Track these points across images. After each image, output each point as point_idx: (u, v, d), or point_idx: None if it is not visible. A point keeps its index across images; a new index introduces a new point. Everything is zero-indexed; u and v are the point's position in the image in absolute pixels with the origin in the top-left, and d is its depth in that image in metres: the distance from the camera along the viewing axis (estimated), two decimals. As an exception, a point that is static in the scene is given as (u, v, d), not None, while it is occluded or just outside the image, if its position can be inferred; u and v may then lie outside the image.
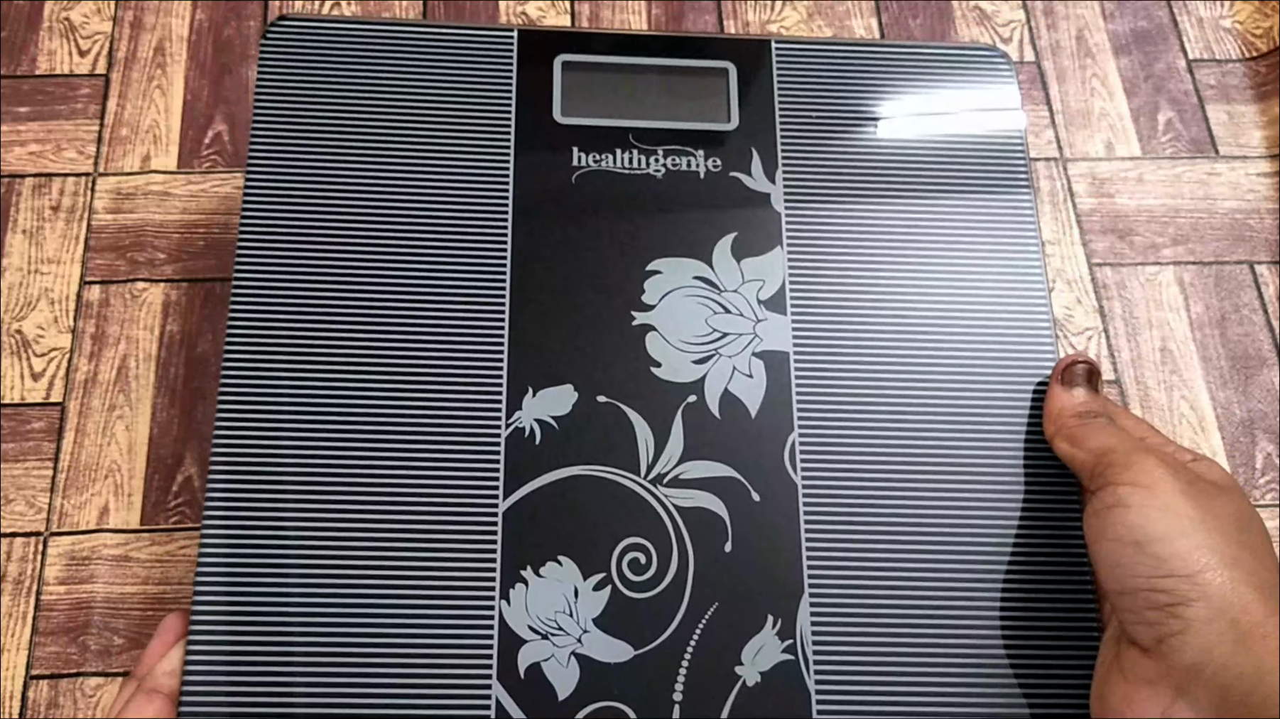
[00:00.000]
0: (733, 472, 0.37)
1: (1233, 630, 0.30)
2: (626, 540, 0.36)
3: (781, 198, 0.41)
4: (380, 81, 0.41)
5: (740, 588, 0.36)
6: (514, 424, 0.37)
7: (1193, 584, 0.31)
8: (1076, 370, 0.38)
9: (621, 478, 0.37)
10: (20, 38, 0.51)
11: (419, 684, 0.34)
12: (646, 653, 0.35)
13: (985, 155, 0.42)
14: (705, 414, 0.37)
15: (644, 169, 0.41)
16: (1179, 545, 0.31)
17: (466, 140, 0.41)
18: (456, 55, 0.42)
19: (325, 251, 0.38)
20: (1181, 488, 0.32)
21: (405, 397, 0.37)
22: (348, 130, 0.40)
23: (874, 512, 0.37)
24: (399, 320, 0.38)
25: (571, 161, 0.41)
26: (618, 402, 0.37)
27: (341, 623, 0.34)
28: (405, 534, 0.35)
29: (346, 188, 0.39)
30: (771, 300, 0.39)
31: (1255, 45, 0.53)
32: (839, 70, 0.43)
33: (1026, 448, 0.38)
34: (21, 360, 0.45)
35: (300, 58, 0.41)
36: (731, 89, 0.42)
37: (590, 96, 0.42)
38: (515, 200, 0.40)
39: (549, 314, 0.38)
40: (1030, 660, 0.35)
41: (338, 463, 0.36)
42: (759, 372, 0.38)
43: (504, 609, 0.35)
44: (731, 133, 0.42)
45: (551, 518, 0.36)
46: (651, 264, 0.39)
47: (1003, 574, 0.36)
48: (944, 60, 0.43)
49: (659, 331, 0.38)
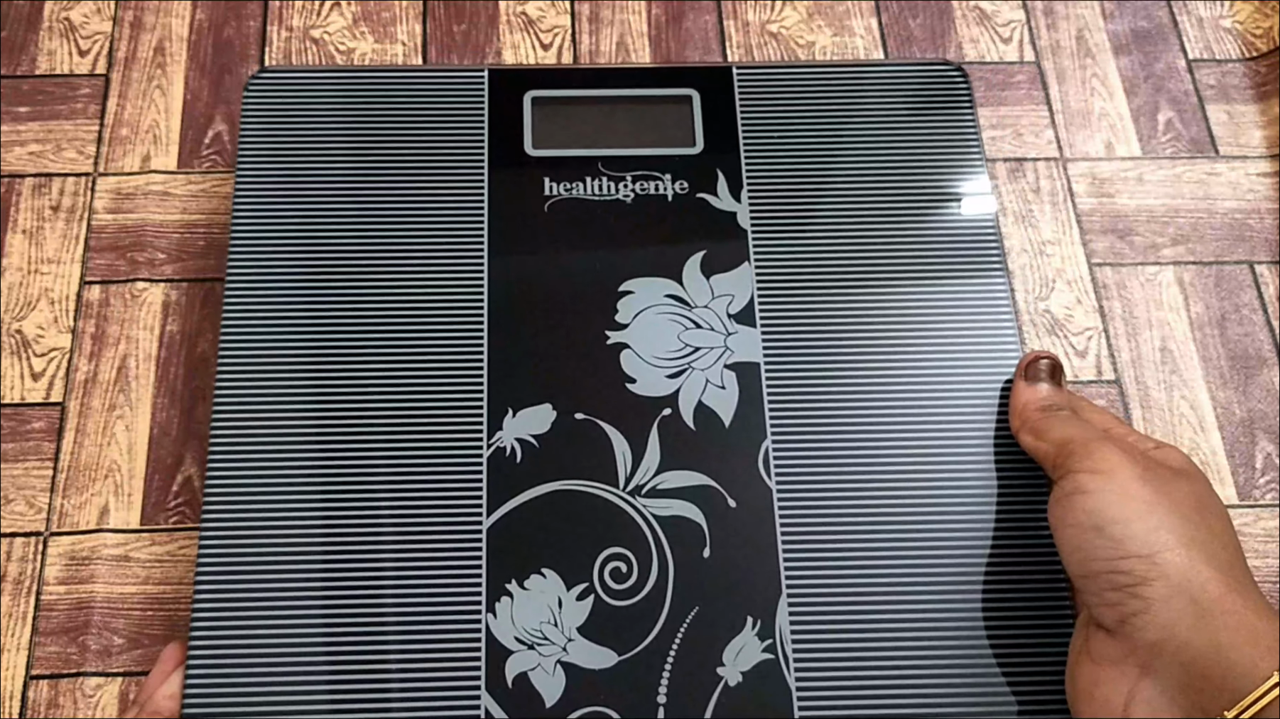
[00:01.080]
0: (709, 480, 0.38)
1: (1192, 608, 0.31)
2: (607, 551, 0.37)
3: (748, 215, 0.42)
4: (358, 125, 0.43)
5: (719, 591, 0.37)
6: (495, 444, 0.38)
7: (1151, 564, 0.31)
8: (1040, 366, 0.39)
9: (601, 491, 0.38)
10: (20, 38, 0.51)
11: (410, 697, 0.35)
12: (630, 658, 0.36)
13: (944, 167, 0.43)
14: (680, 426, 0.39)
15: (614, 195, 0.42)
16: (1136, 528, 0.32)
17: (443, 176, 0.42)
18: (430, 96, 0.44)
19: (311, 284, 0.40)
20: (1139, 473, 0.33)
21: (390, 421, 0.38)
22: (329, 172, 0.42)
23: (848, 512, 0.38)
24: (382, 349, 0.39)
25: (543, 191, 0.42)
26: (595, 418, 0.39)
27: (334, 638, 0.35)
28: (393, 553, 0.37)
29: (329, 227, 0.41)
30: (741, 314, 0.41)
31: (1255, 45, 0.53)
32: (799, 92, 0.45)
33: (995, 444, 0.39)
34: (21, 360, 0.45)
35: (280, 107, 0.43)
36: (696, 115, 0.44)
37: (559, 129, 0.44)
38: (491, 230, 0.42)
39: (526, 337, 0.40)
40: (1007, 650, 0.36)
41: (327, 485, 0.37)
42: (731, 383, 0.39)
43: (490, 622, 0.36)
44: (697, 156, 0.43)
45: (534, 532, 0.37)
46: (624, 285, 0.41)
47: (977, 567, 0.37)
48: (901, 78, 0.45)
49: (633, 349, 0.40)
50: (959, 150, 0.44)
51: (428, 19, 0.52)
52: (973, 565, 0.37)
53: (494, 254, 0.41)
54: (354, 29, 0.52)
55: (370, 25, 0.52)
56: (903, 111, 0.44)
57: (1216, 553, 0.32)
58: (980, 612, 0.36)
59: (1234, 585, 0.31)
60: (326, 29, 0.52)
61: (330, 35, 0.51)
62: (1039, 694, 0.35)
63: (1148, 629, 0.31)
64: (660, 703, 0.35)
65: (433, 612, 0.36)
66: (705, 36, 0.52)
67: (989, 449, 0.39)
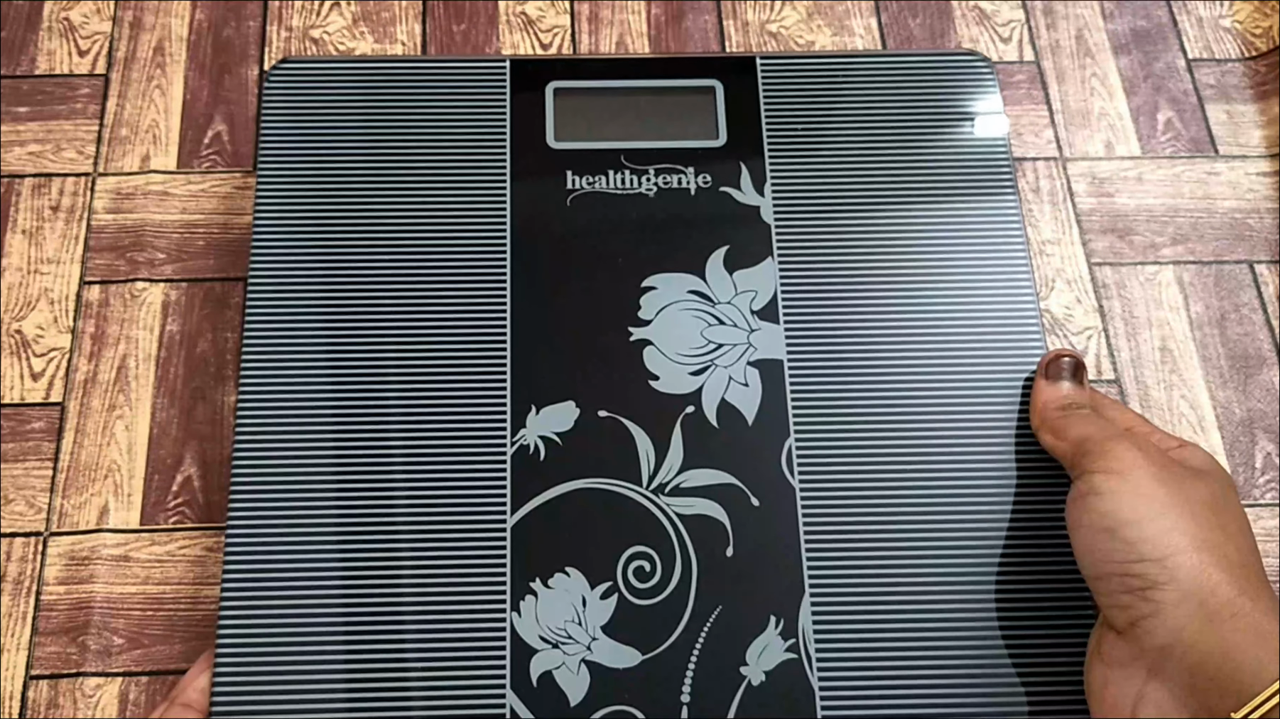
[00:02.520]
0: (732, 478, 0.38)
1: (1201, 611, 0.31)
2: (631, 549, 0.37)
3: (771, 210, 0.42)
4: (379, 117, 0.43)
5: (742, 591, 0.36)
6: (519, 442, 0.38)
7: (1162, 568, 0.31)
8: (1062, 364, 0.38)
9: (624, 489, 0.38)
10: (20, 38, 0.51)
11: (436, 696, 0.35)
12: (654, 657, 0.36)
13: (969, 159, 0.43)
14: (703, 423, 0.38)
15: (636, 188, 0.42)
16: (1149, 530, 0.32)
17: (464, 169, 0.42)
18: (451, 87, 0.43)
19: (334, 280, 0.40)
20: (1155, 473, 0.33)
21: (414, 420, 0.38)
22: (350, 165, 0.42)
23: (871, 511, 0.37)
24: (405, 346, 0.39)
25: (566, 185, 0.42)
26: (618, 415, 0.38)
27: (359, 637, 0.36)
28: (419, 552, 0.37)
29: (351, 220, 0.41)
30: (764, 310, 0.40)
31: (1255, 45, 0.53)
32: (822, 83, 0.44)
33: (1019, 443, 0.39)
34: (21, 360, 0.45)
35: (302, 98, 0.43)
36: (719, 106, 0.43)
37: (582, 121, 0.43)
38: (513, 224, 0.41)
39: (549, 333, 0.40)
40: (1030, 650, 0.36)
41: (351, 485, 0.37)
42: (754, 380, 0.39)
43: (515, 621, 0.36)
44: (720, 149, 0.43)
45: (558, 531, 0.37)
46: (646, 280, 0.40)
47: (999, 567, 0.37)
48: (925, 68, 0.44)
49: (656, 346, 0.39)
50: (984, 141, 0.43)
51: (427, 19, 0.52)
52: (996, 565, 0.37)
53: (516, 249, 0.41)
54: (353, 29, 0.52)
55: (370, 25, 0.52)
56: (927, 102, 0.44)
57: (1229, 555, 0.32)
58: (1003, 611, 0.36)
59: (1245, 588, 0.31)
60: (326, 29, 0.52)
61: (330, 35, 0.51)
62: (1062, 694, 0.35)
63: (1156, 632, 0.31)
64: (684, 702, 0.35)
65: (458, 611, 0.36)
66: (705, 36, 0.52)
67: (1012, 448, 0.38)
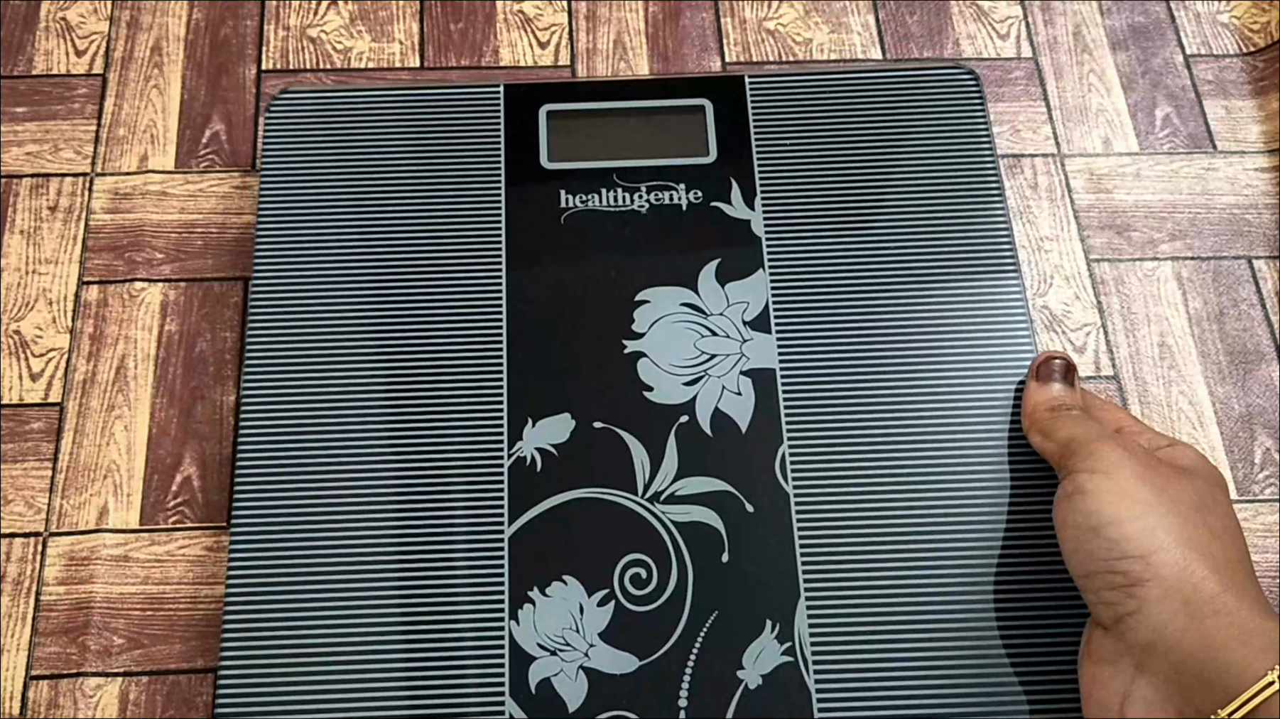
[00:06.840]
0: (726, 485, 0.38)
1: (1184, 608, 0.31)
2: (627, 557, 0.37)
3: (761, 223, 0.43)
4: (377, 143, 0.44)
5: (738, 596, 0.37)
6: (516, 454, 0.39)
7: (1146, 564, 0.32)
8: (1053, 366, 0.39)
9: (620, 498, 0.38)
10: (17, 38, 0.51)
11: (436, 703, 0.36)
12: (651, 663, 0.36)
13: (957, 170, 0.44)
14: (698, 433, 0.39)
15: (629, 205, 0.43)
16: (1133, 528, 0.32)
17: (461, 191, 0.43)
18: (447, 113, 0.44)
19: (332, 298, 0.41)
20: (1139, 471, 0.33)
21: (412, 433, 0.39)
22: (349, 189, 0.43)
23: (865, 515, 0.38)
24: (403, 361, 0.40)
25: (559, 203, 0.43)
26: (613, 426, 0.39)
27: (360, 645, 0.36)
28: (418, 562, 0.37)
29: (351, 242, 0.42)
30: (756, 321, 0.41)
31: (1253, 40, 0.53)
32: (810, 98, 0.45)
33: (1011, 446, 0.39)
34: (20, 361, 0.45)
35: (301, 128, 0.44)
36: (709, 124, 0.44)
37: (574, 141, 0.44)
38: (508, 242, 0.42)
39: (544, 348, 0.40)
40: (1025, 651, 0.36)
41: (351, 496, 0.38)
42: (747, 389, 0.40)
43: (514, 629, 0.37)
44: (710, 165, 0.44)
45: (555, 540, 0.38)
46: (640, 294, 0.41)
47: (993, 570, 0.37)
48: (913, 81, 0.45)
49: (650, 358, 0.40)
50: (971, 154, 0.44)
51: (424, 18, 0.52)
52: (990, 567, 0.37)
53: (511, 266, 0.42)
54: (350, 28, 0.52)
55: (367, 24, 0.52)
56: (914, 116, 0.45)
57: (1214, 552, 0.32)
58: (998, 613, 0.37)
59: (1230, 585, 0.31)
60: (323, 28, 0.52)
61: (327, 34, 0.51)
62: (1057, 695, 0.36)
63: (1141, 629, 0.31)
64: (681, 706, 0.35)
65: (457, 619, 0.37)
66: (702, 34, 0.52)
67: (1005, 451, 0.39)
